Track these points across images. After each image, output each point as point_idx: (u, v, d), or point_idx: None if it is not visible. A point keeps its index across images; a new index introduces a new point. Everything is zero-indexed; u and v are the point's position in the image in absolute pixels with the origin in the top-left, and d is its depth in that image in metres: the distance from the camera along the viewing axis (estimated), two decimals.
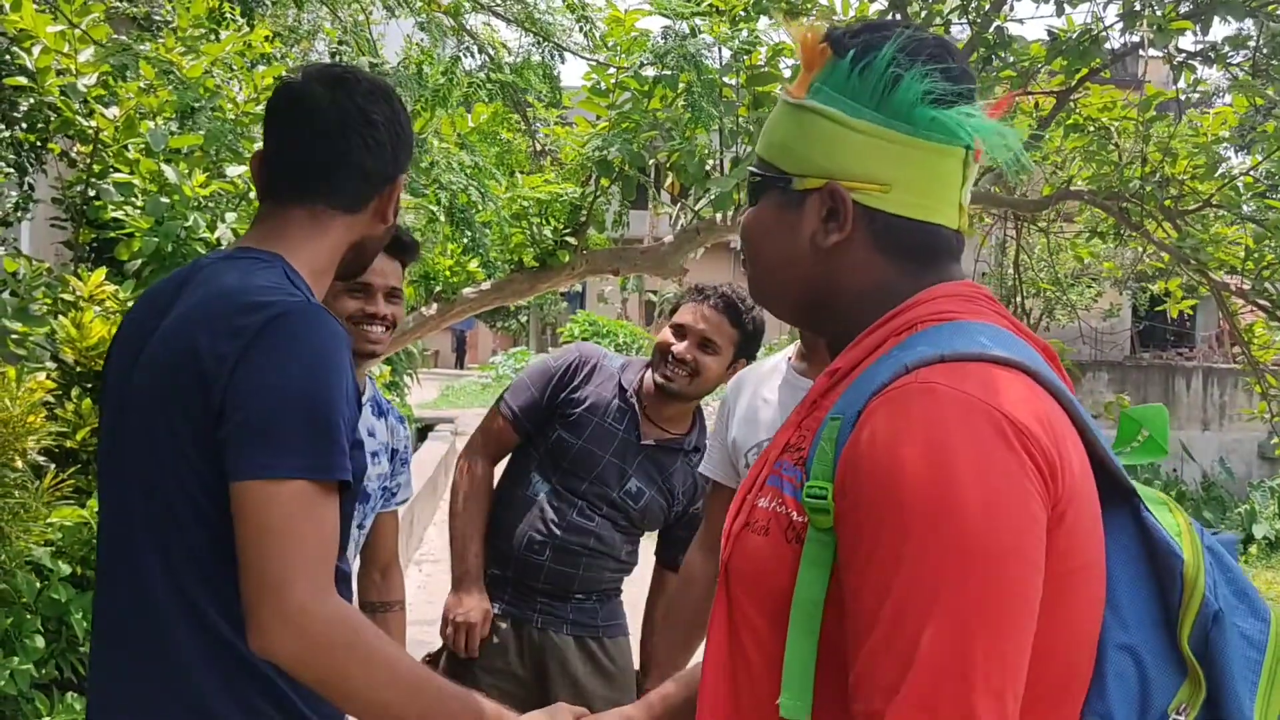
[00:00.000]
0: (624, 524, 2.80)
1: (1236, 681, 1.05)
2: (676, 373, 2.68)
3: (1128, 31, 4.71)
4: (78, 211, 4.52)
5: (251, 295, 1.42)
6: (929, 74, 1.10)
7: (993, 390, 1.00)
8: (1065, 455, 1.02)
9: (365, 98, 1.58)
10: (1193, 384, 16.99)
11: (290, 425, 1.35)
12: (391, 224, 1.64)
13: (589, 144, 4.20)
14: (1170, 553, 1.07)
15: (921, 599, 0.95)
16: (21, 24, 4.14)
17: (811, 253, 1.16)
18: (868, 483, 0.99)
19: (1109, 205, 5.68)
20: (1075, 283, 15.40)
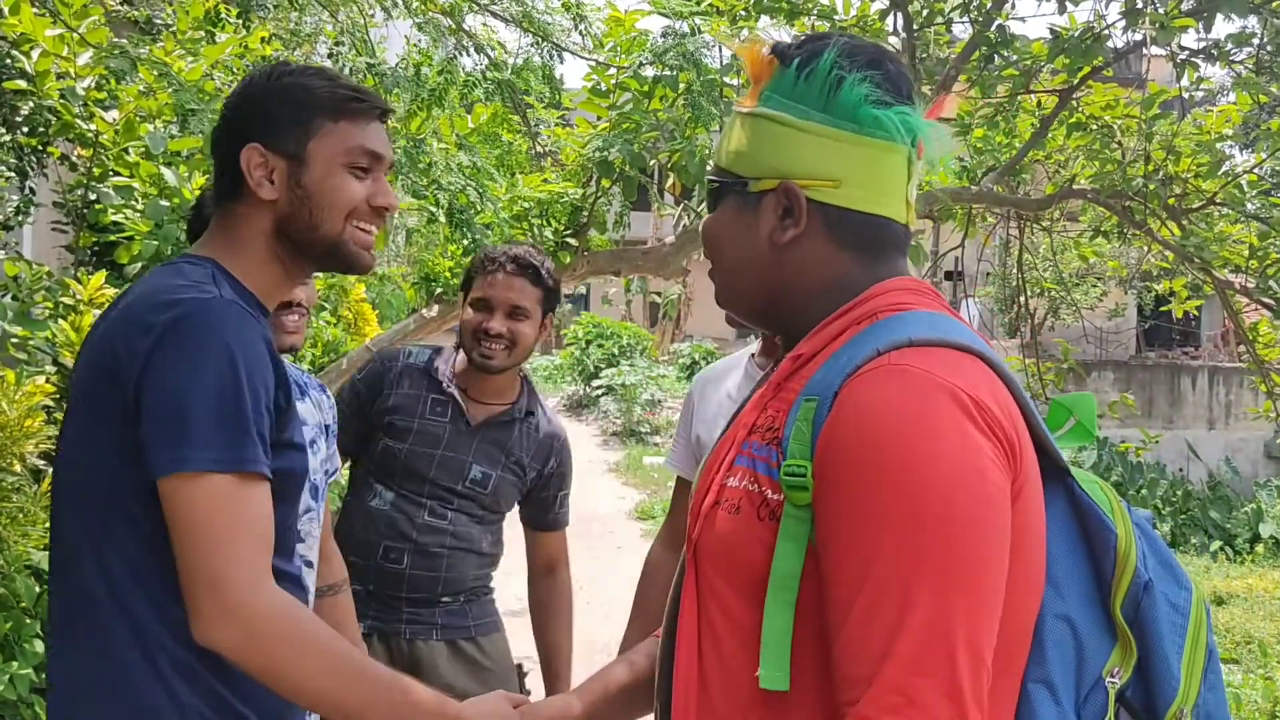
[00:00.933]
0: (479, 513, 2.70)
1: (1166, 644, 1.14)
2: (494, 349, 2.61)
3: (1130, 29, 4.69)
4: (78, 215, 4.52)
5: (165, 294, 1.44)
6: (869, 77, 1.18)
7: (958, 373, 1.07)
8: (1022, 439, 1.10)
9: (235, 89, 1.62)
10: (1198, 383, 16.96)
11: (200, 419, 1.37)
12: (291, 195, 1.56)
13: (589, 144, 4.19)
14: (1104, 527, 1.16)
15: (904, 567, 1.01)
16: (20, 28, 4.14)
17: (770, 250, 1.22)
18: (848, 458, 1.05)
19: (1112, 204, 5.67)
20: (1080, 282, 15.38)
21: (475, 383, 2.70)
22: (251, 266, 1.58)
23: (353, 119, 1.60)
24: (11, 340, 3.70)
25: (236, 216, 1.59)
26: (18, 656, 2.62)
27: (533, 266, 2.64)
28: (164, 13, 5.89)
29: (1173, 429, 16.19)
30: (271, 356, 1.48)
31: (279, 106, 1.57)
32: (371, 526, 2.64)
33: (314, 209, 1.57)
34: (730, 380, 2.45)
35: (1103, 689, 1.13)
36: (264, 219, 1.57)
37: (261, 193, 1.56)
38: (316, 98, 1.58)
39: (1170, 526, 13.11)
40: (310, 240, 1.58)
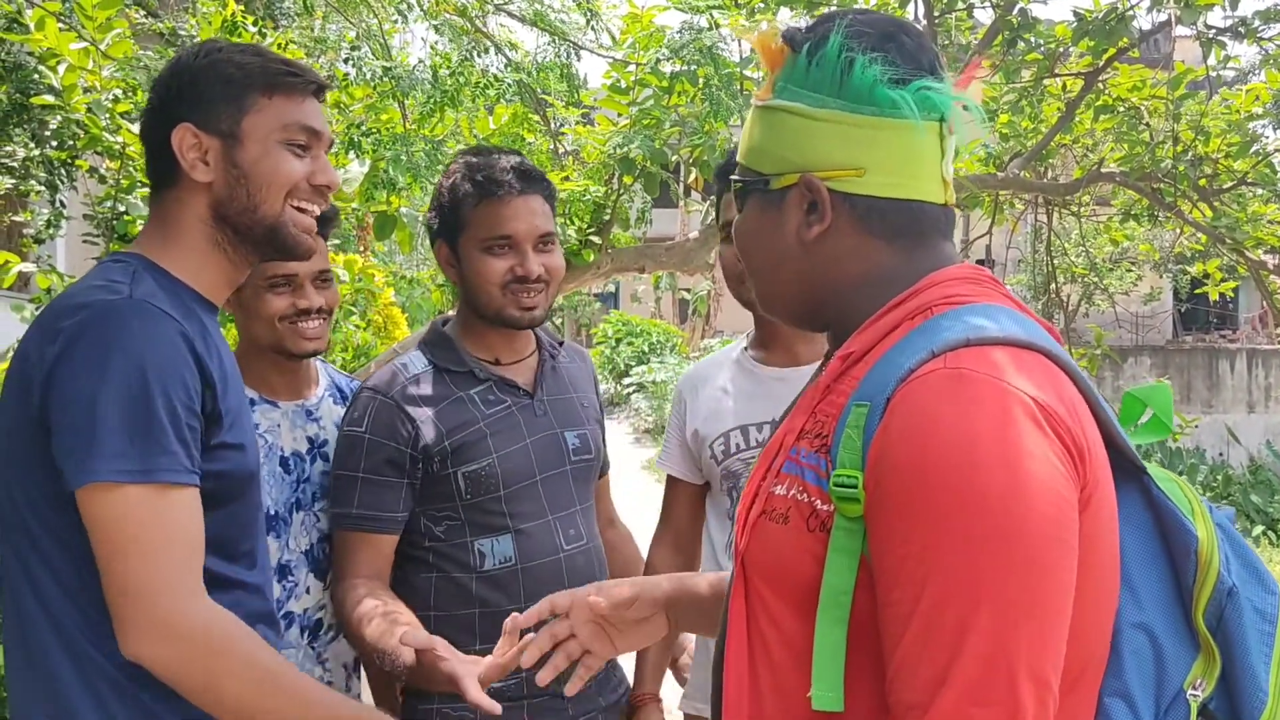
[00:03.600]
0: (591, 497, 2.21)
1: (1252, 655, 1.06)
2: (535, 297, 2.05)
3: (1155, 9, 4.63)
4: (108, 227, 4.57)
5: (74, 297, 1.39)
6: (883, 54, 1.11)
7: (1020, 374, 1.00)
8: (1090, 438, 1.02)
9: (165, 69, 1.55)
10: (1237, 366, 16.73)
11: (107, 428, 1.31)
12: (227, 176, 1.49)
13: (610, 142, 4.18)
14: (1184, 530, 1.08)
15: (962, 588, 0.94)
16: (46, 43, 4.19)
17: (799, 248, 1.16)
18: (901, 471, 0.98)
19: (1141, 186, 5.60)
20: (1114, 267, 15.22)
21: (504, 345, 2.13)
22: (189, 257, 1.51)
23: (288, 94, 1.53)
24: None
25: (171, 204, 1.52)
26: None
27: (541, 176, 2.13)
28: (187, 24, 5.95)
29: (1212, 413, 15.99)
30: (196, 357, 1.41)
31: (210, 84, 1.50)
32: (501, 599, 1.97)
33: (251, 189, 1.50)
34: (722, 375, 2.41)
35: (1184, 702, 1.06)
36: (199, 203, 1.50)
37: (195, 174, 1.49)
38: (248, 73, 1.51)
39: None
40: (249, 223, 1.51)
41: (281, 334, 2.07)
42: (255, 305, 2.06)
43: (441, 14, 5.54)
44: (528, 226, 2.04)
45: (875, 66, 1.11)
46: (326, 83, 1.62)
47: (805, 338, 2.24)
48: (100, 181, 5.06)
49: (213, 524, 1.47)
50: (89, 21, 4.33)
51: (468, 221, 2.05)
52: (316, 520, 2.11)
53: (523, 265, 2.03)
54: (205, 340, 1.48)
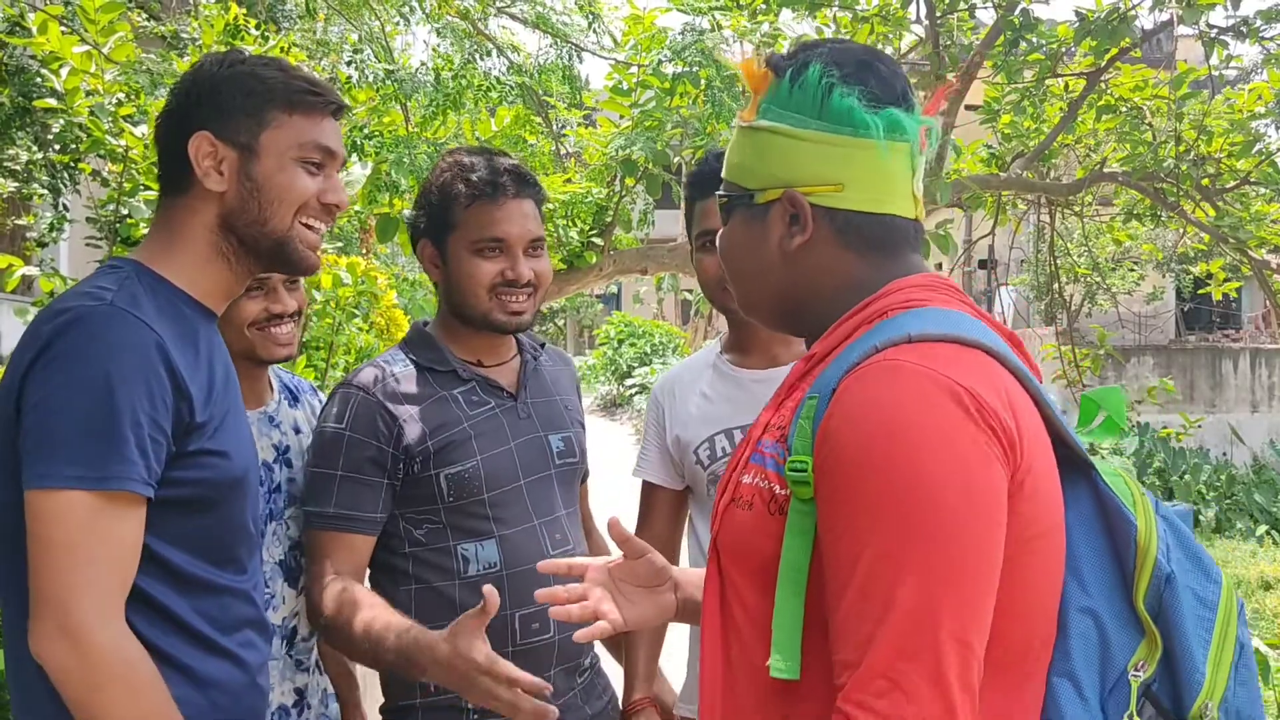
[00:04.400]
0: (575, 501, 2.16)
1: (1190, 638, 1.14)
2: (524, 301, 2.02)
3: (1157, 9, 4.63)
4: (111, 230, 4.58)
5: (59, 302, 1.41)
6: (860, 80, 1.21)
7: (954, 367, 1.09)
8: (1024, 428, 1.10)
9: (182, 78, 1.55)
10: (1240, 366, 16.71)
11: (67, 433, 1.32)
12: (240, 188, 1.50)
13: (612, 144, 4.19)
14: (1125, 519, 1.17)
15: (891, 558, 1.03)
16: (49, 46, 4.20)
17: (781, 258, 1.25)
18: (841, 453, 1.08)
19: (1144, 186, 5.60)
20: (1117, 267, 15.21)
21: (487, 348, 2.09)
22: (191, 265, 1.52)
23: (307, 113, 1.54)
24: None
25: (178, 210, 1.53)
26: None
27: (534, 179, 2.09)
28: (189, 27, 5.96)
29: (1215, 413, 15.97)
30: (170, 367, 1.41)
31: (231, 95, 1.51)
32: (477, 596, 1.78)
33: (263, 203, 1.51)
34: (700, 381, 2.39)
35: (1127, 683, 1.13)
36: (209, 212, 1.52)
37: (209, 183, 1.50)
38: (271, 88, 1.52)
39: (1215, 511, 12.93)
40: (257, 235, 1.52)
41: (252, 341, 2.05)
42: (228, 311, 1.98)
43: (444, 17, 5.54)
44: (520, 230, 2.01)
45: (853, 91, 1.21)
46: (345, 104, 1.63)
47: (783, 340, 2.24)
48: (103, 185, 5.07)
49: (198, 529, 1.48)
50: (91, 25, 4.34)
51: (458, 222, 2.00)
52: (288, 529, 2.08)
53: (514, 269, 1.99)
54: (194, 348, 1.48)
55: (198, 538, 1.47)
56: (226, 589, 1.52)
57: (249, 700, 1.57)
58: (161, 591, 1.43)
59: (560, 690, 1.98)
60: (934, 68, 4.72)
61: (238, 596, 1.55)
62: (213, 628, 1.50)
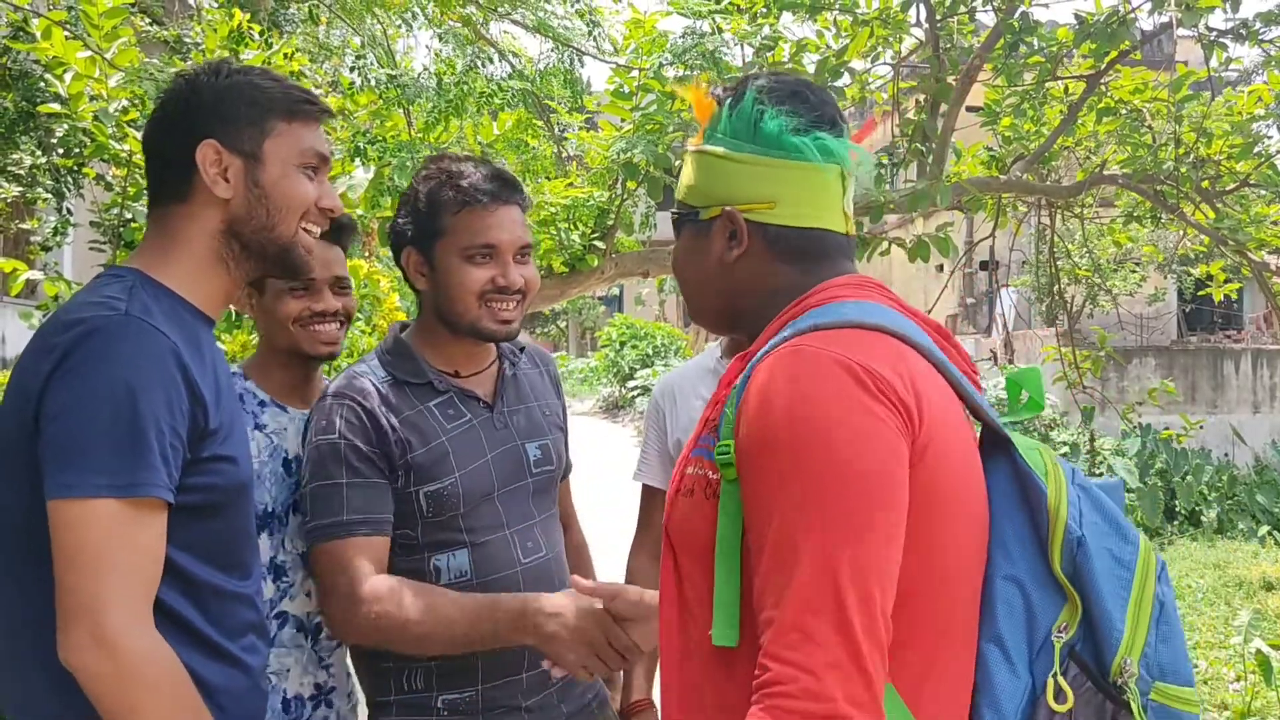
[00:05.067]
0: (553, 506, 2.15)
1: (1106, 599, 1.22)
2: (513, 309, 2.01)
3: (1156, 12, 4.63)
4: (115, 234, 4.60)
5: (73, 312, 1.43)
6: (789, 107, 1.34)
7: (853, 347, 1.20)
8: (924, 404, 1.20)
9: (176, 86, 1.58)
10: (1241, 366, 16.70)
11: (92, 442, 1.34)
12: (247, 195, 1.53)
13: (614, 147, 4.20)
14: (1037, 488, 1.26)
15: (796, 521, 1.13)
16: (53, 51, 4.22)
17: (721, 269, 1.39)
18: (751, 429, 1.18)
19: (1144, 188, 5.61)
20: (1118, 268, 15.21)
21: (465, 357, 2.07)
22: (191, 271, 1.54)
23: (304, 121, 1.59)
24: None
25: (178, 218, 1.55)
26: None
27: (520, 186, 2.07)
28: (192, 31, 5.98)
29: (1217, 413, 15.96)
30: (186, 375, 1.43)
31: (234, 105, 1.55)
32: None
33: (270, 209, 1.55)
34: (702, 384, 2.41)
35: (1050, 644, 1.22)
36: (212, 218, 1.54)
37: (217, 190, 1.52)
38: (272, 98, 1.57)
39: (1217, 512, 12.93)
40: (264, 241, 1.56)
41: (296, 336, 2.11)
42: (274, 308, 2.11)
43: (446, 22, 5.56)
44: (511, 236, 2.00)
45: (780, 118, 1.34)
46: (331, 111, 1.69)
47: None
48: (106, 189, 5.09)
49: (206, 535, 1.50)
50: (95, 30, 4.35)
51: (447, 229, 1.98)
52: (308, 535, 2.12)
53: (504, 275, 1.98)
54: (200, 355, 1.50)
55: (206, 543, 1.49)
56: (232, 594, 1.54)
57: (250, 704, 1.59)
58: (171, 597, 1.45)
59: (533, 690, 2.00)
60: (934, 71, 4.73)
61: (242, 601, 1.57)
62: (219, 633, 1.51)
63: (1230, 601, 8.68)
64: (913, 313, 1.36)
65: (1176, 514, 12.92)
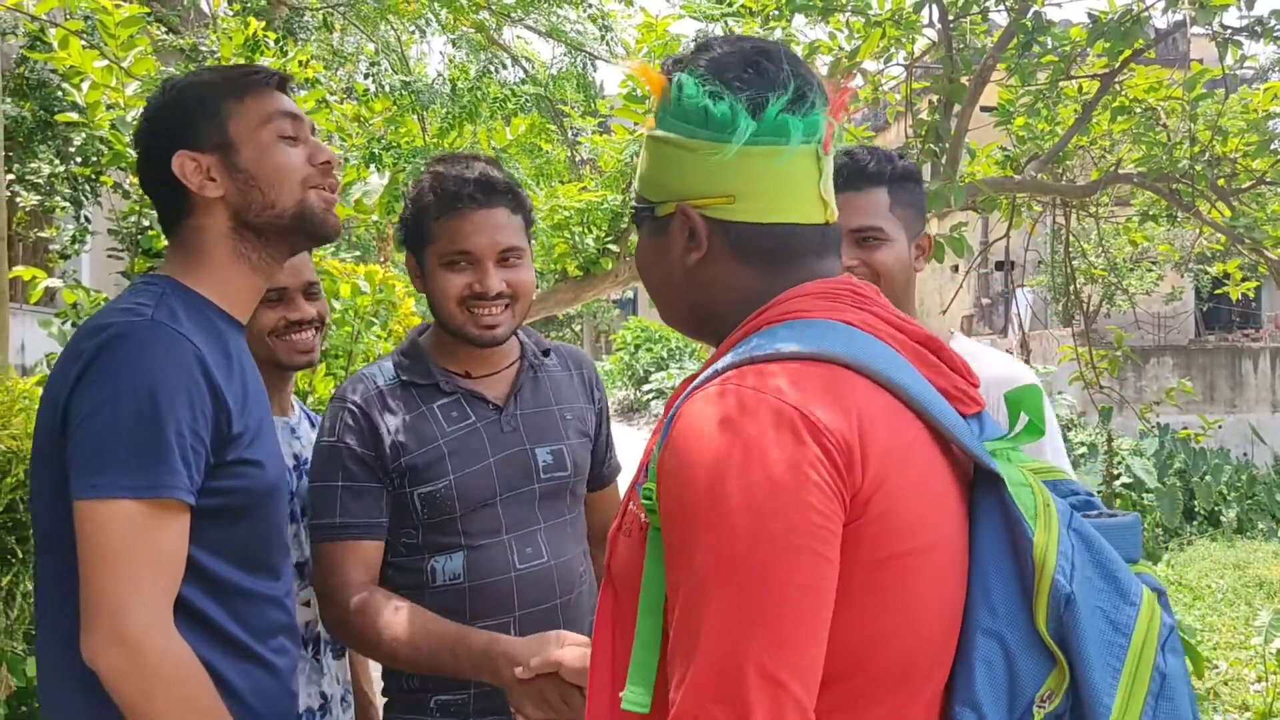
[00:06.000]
0: (568, 513, 2.07)
1: (1093, 666, 1.03)
2: (496, 314, 1.96)
3: (1170, 10, 4.62)
4: (132, 241, 4.64)
5: (102, 318, 1.46)
6: (745, 82, 1.11)
7: (791, 387, 1.02)
8: (870, 445, 1.03)
9: (134, 133, 1.62)
10: (1260, 365, 16.60)
11: (115, 445, 1.36)
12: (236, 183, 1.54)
13: (627, 150, 4.21)
14: (1025, 535, 1.07)
15: (701, 593, 0.98)
16: (70, 60, 4.25)
17: (682, 272, 1.19)
18: (666, 481, 1.04)
19: (1159, 187, 5.58)
20: (1134, 267, 15.14)
21: (475, 359, 2.04)
22: (217, 275, 1.56)
23: (256, 93, 1.58)
24: None
25: (191, 231, 1.57)
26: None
27: (507, 187, 2.00)
28: (208, 40, 6.02)
29: (1235, 413, 15.87)
30: (209, 379, 1.45)
31: (185, 110, 1.56)
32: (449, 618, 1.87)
33: (264, 186, 1.55)
34: None
35: (1030, 715, 1.04)
36: (219, 220, 1.56)
37: (207, 192, 1.54)
38: (215, 86, 1.58)
39: (1236, 512, 12.85)
40: (271, 219, 1.56)
41: (274, 348, 2.09)
42: (251, 323, 2.06)
43: (459, 28, 5.58)
44: (488, 241, 1.94)
45: (738, 96, 1.11)
46: (288, 76, 1.68)
47: None
48: (124, 196, 5.13)
49: (234, 537, 1.52)
50: (111, 39, 4.39)
51: (431, 235, 1.97)
52: (304, 536, 2.12)
53: (481, 282, 1.93)
54: (227, 360, 1.52)
55: (234, 545, 1.51)
56: (262, 595, 1.55)
57: (281, 706, 1.60)
58: (200, 599, 1.47)
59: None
60: (947, 71, 4.72)
61: (271, 603, 1.59)
62: (248, 634, 1.53)
63: (1251, 602, 8.63)
64: (895, 324, 1.18)
65: (1196, 514, 12.85)
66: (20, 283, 4.63)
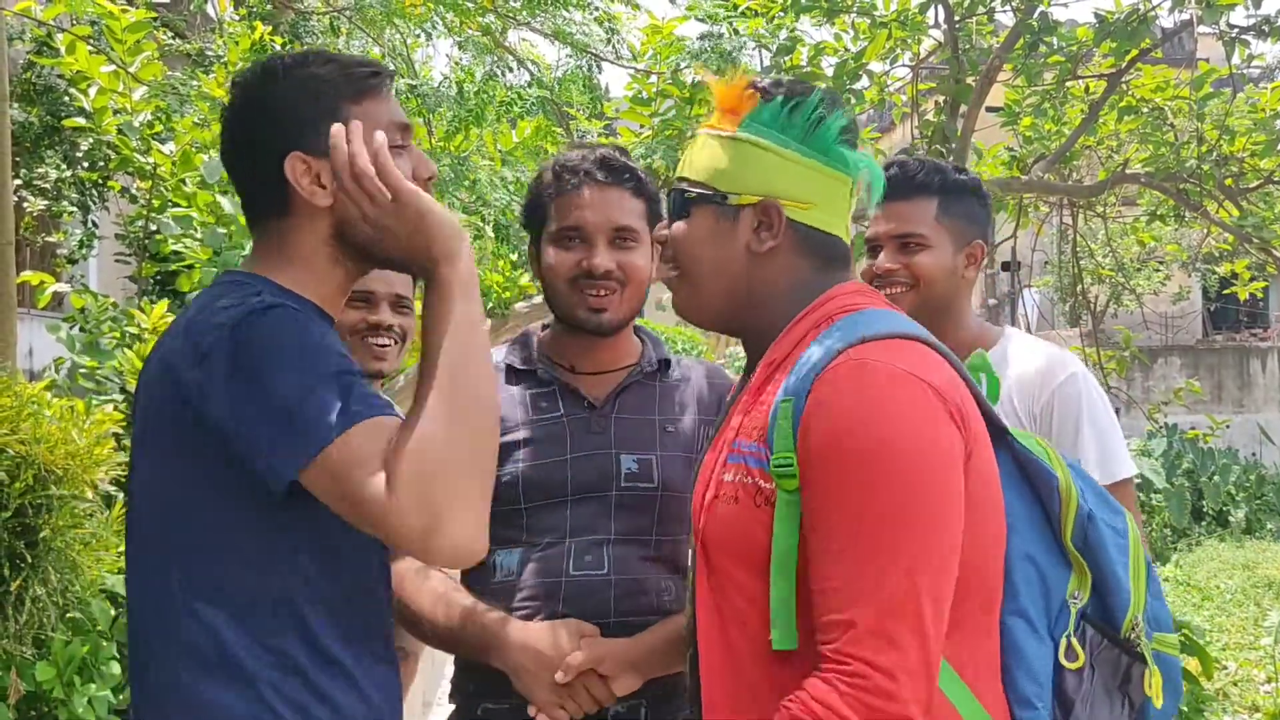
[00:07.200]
0: (648, 535, 1.90)
1: (1115, 564, 1.36)
2: (605, 295, 1.88)
3: (1176, 9, 4.61)
4: (140, 246, 4.65)
5: (211, 317, 1.36)
6: (843, 121, 1.40)
7: (909, 359, 1.26)
8: (968, 408, 1.29)
9: (235, 101, 1.49)
10: (1268, 365, 16.57)
11: (307, 403, 1.28)
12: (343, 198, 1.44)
13: (633, 153, 4.21)
14: (1047, 473, 1.37)
15: (884, 529, 1.19)
16: (77, 66, 4.26)
17: (746, 258, 1.41)
18: (826, 446, 1.23)
19: (1166, 187, 5.58)
20: (1142, 267, 15.11)
21: (582, 353, 1.95)
22: (313, 277, 1.47)
23: (374, 96, 1.48)
24: (80, 371, 3.81)
25: (288, 232, 1.47)
26: (95, 679, 2.70)
27: (629, 170, 1.93)
28: (215, 44, 6.03)
29: (1243, 413, 15.84)
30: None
31: (303, 105, 1.45)
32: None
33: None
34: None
35: (1067, 610, 1.34)
36: (320, 227, 1.46)
37: (316, 200, 1.44)
38: (335, 85, 1.46)
39: (1245, 512, 12.82)
40: (374, 238, 1.46)
41: (352, 348, 2.04)
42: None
43: (465, 31, 5.59)
44: (600, 218, 1.87)
45: (837, 128, 1.40)
46: (393, 71, 1.58)
47: None
48: (131, 201, 5.14)
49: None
50: (118, 44, 4.40)
51: (547, 215, 1.92)
52: None
53: (589, 259, 1.85)
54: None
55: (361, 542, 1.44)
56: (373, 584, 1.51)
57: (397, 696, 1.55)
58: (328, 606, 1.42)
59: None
60: (953, 72, 4.72)
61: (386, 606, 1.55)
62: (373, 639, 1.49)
63: (1260, 602, 8.60)
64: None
65: (1204, 514, 12.81)
66: (28, 287, 4.64)
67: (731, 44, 4.23)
